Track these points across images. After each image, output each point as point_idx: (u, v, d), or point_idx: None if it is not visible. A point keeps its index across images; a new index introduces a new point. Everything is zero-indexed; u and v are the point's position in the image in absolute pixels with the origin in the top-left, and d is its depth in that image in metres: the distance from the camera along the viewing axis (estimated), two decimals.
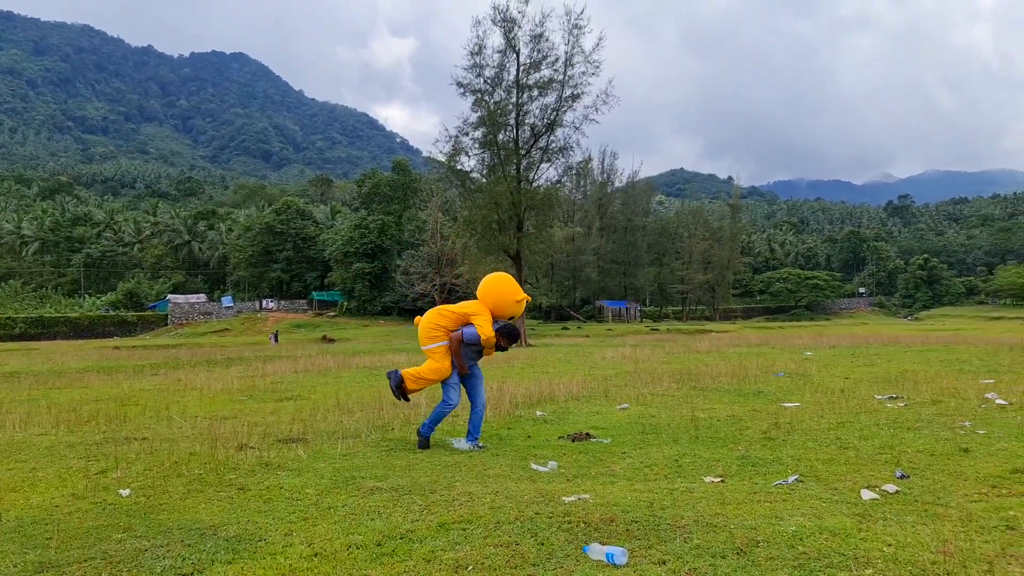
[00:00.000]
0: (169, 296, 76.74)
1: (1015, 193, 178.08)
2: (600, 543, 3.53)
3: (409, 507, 4.46)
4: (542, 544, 3.63)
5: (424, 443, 6.61)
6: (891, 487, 4.42)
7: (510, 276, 6.95)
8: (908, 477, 4.72)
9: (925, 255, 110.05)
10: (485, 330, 6.41)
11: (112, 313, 72.10)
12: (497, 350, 6.67)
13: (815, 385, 10.72)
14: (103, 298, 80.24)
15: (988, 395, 8.62)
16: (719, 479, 4.96)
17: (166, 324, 70.41)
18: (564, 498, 4.45)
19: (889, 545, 3.34)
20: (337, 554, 3.61)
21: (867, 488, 4.44)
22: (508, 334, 6.50)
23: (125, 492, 5.08)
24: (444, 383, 6.60)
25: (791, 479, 4.79)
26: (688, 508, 4.17)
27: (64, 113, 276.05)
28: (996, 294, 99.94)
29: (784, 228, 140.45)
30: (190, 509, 4.63)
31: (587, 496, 4.51)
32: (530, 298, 6.79)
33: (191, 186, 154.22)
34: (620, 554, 3.33)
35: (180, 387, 13.48)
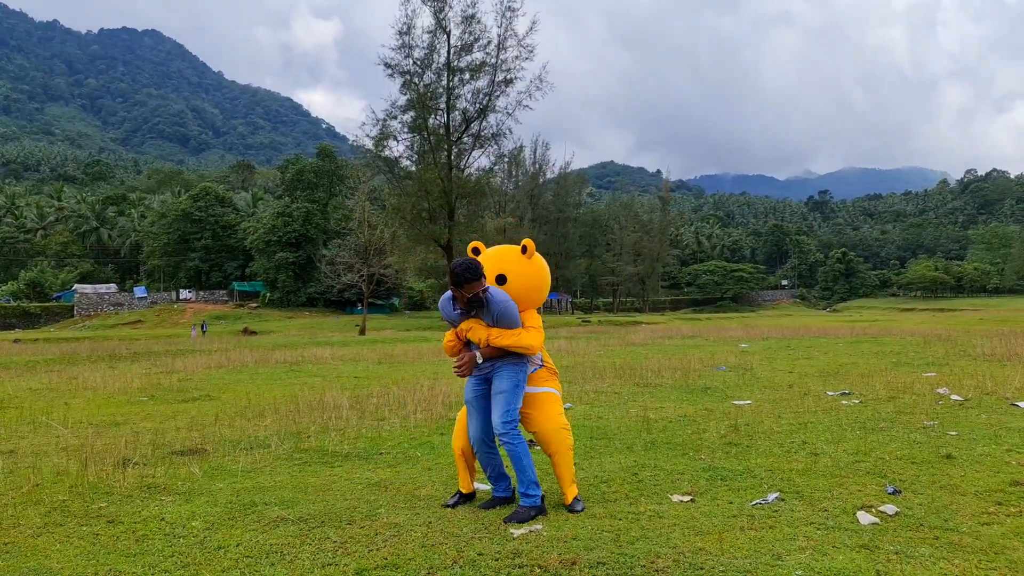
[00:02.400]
0: (76, 286, 72.17)
1: (925, 190, 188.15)
2: None
3: (320, 545, 3.58)
4: None
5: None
6: (889, 508, 3.82)
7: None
8: (900, 493, 4.15)
9: (843, 249, 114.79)
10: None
11: (13, 304, 67.27)
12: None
13: (761, 380, 10.31)
14: (3, 288, 74.86)
15: (940, 390, 8.32)
16: (688, 497, 4.28)
17: (72, 316, 66.23)
18: (512, 531, 3.67)
19: None
20: None
21: (862, 510, 3.83)
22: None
23: None
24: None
25: (771, 497, 4.15)
26: (662, 542, 3.45)
27: None
28: (908, 286, 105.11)
29: (711, 221, 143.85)
30: (39, 551, 3.64)
31: (539, 527, 3.74)
32: None
33: (100, 170, 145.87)
34: None
35: (73, 386, 12.07)
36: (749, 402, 8.18)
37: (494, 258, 4.31)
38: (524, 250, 4.29)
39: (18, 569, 3.39)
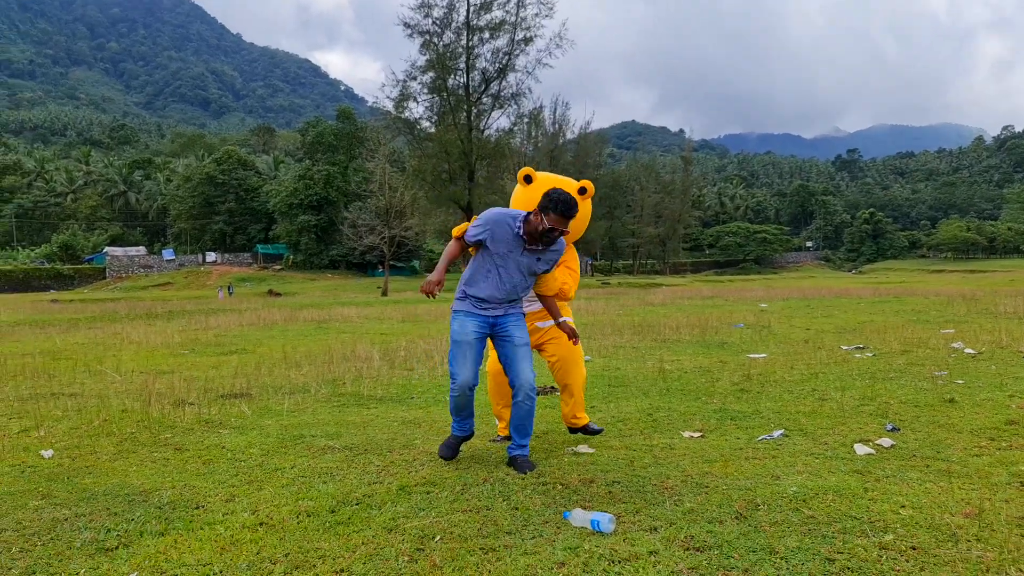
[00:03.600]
0: (107, 249, 73.56)
1: (960, 148, 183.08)
2: (582, 508, 3.15)
3: (365, 468, 4.01)
4: (516, 509, 3.24)
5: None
6: (885, 441, 4.16)
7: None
8: (899, 430, 4.47)
9: (871, 209, 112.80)
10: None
11: (47, 266, 68.84)
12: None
13: (778, 336, 10.59)
14: (36, 251, 76.53)
15: (955, 344, 8.56)
16: (699, 434, 4.64)
17: (104, 278, 67.69)
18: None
19: (903, 507, 3.04)
20: (285, 523, 3.15)
21: (860, 442, 4.17)
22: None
23: (47, 453, 4.51)
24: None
25: (776, 434, 4.50)
26: (672, 467, 3.82)
27: None
28: (938, 248, 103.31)
29: (734, 182, 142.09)
30: (119, 472, 4.10)
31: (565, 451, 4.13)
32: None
33: (125, 134, 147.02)
34: (607, 521, 2.95)
35: (116, 341, 12.69)
36: (764, 355, 8.49)
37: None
38: (583, 192, 4.20)
39: (103, 485, 3.84)
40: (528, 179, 4.25)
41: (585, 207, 4.18)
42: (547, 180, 4.19)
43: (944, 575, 2.39)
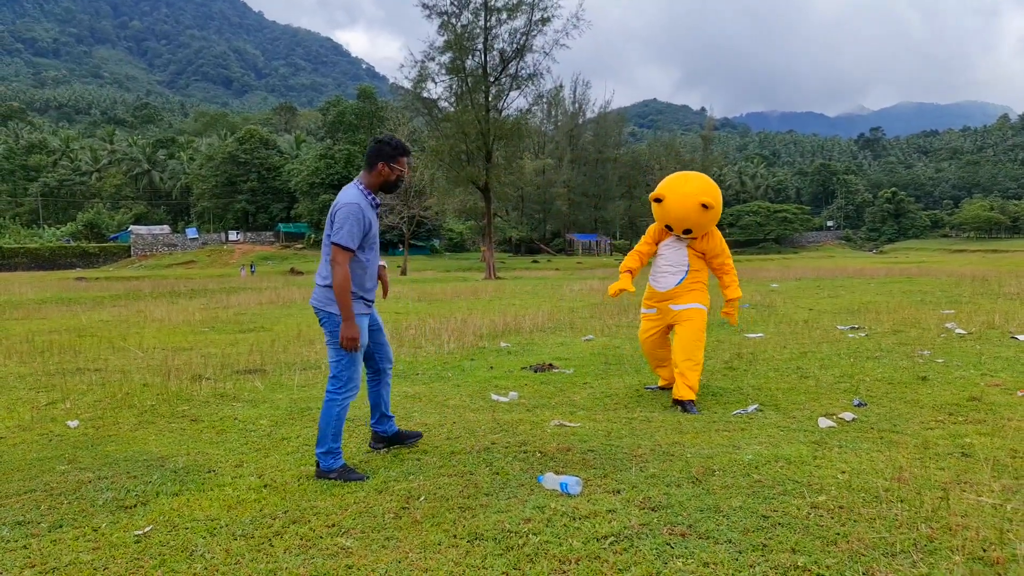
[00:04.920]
0: (131, 227, 74.82)
1: (984, 126, 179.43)
2: (555, 472, 3.47)
3: (364, 438, 4.37)
4: (497, 474, 3.57)
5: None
6: (848, 415, 4.43)
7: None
8: (865, 405, 4.74)
9: (893, 188, 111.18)
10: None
11: (73, 244, 70.25)
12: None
13: (779, 316, 10.80)
14: (62, 229, 78.01)
15: (948, 325, 8.74)
16: (678, 408, 4.93)
17: (129, 256, 68.93)
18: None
19: (843, 472, 3.33)
20: (287, 485, 3.52)
21: (824, 416, 4.44)
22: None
23: (73, 423, 4.93)
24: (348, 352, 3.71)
25: (751, 408, 4.78)
26: (646, 437, 4.13)
27: (12, 35, 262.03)
28: (961, 227, 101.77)
29: (755, 161, 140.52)
30: (139, 440, 4.50)
31: (551, 423, 4.45)
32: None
33: (149, 113, 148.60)
34: (574, 483, 3.28)
35: (140, 318, 13.19)
36: (761, 335, 8.72)
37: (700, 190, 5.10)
38: (706, 207, 4.99)
39: (125, 451, 4.24)
40: (659, 200, 5.08)
41: (707, 216, 5.05)
42: (674, 198, 5.04)
43: (862, 530, 2.68)
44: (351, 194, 3.64)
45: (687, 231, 5.11)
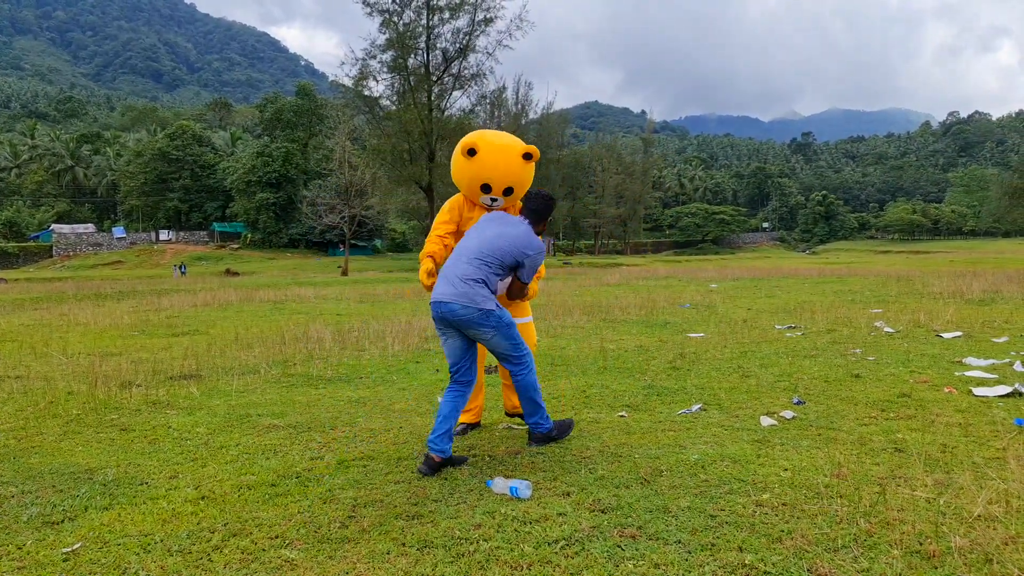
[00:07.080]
0: (53, 226, 71.57)
1: (908, 132, 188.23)
2: (504, 476, 3.44)
3: (307, 445, 4.25)
4: (445, 479, 3.52)
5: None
6: (788, 413, 4.54)
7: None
8: (804, 403, 4.86)
9: (824, 191, 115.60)
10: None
11: None
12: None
13: (719, 316, 11.04)
14: None
15: (877, 323, 9.08)
16: (622, 414, 4.97)
17: (51, 256, 65.91)
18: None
19: (786, 470, 3.40)
20: (226, 496, 3.38)
21: (766, 415, 4.54)
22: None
23: None
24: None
25: (695, 408, 4.85)
26: (594, 439, 4.14)
27: None
28: (886, 229, 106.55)
29: (694, 163, 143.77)
30: (65, 452, 4.27)
31: (499, 426, 4.42)
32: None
33: (72, 106, 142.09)
34: (524, 487, 3.25)
35: (64, 322, 12.60)
36: (702, 335, 8.89)
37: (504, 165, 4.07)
38: (528, 157, 4.06)
39: (50, 464, 4.01)
40: (472, 152, 4.03)
41: (528, 170, 4.12)
42: (491, 150, 4.03)
43: (805, 526, 2.74)
44: (540, 242, 3.98)
45: (508, 190, 4.09)
